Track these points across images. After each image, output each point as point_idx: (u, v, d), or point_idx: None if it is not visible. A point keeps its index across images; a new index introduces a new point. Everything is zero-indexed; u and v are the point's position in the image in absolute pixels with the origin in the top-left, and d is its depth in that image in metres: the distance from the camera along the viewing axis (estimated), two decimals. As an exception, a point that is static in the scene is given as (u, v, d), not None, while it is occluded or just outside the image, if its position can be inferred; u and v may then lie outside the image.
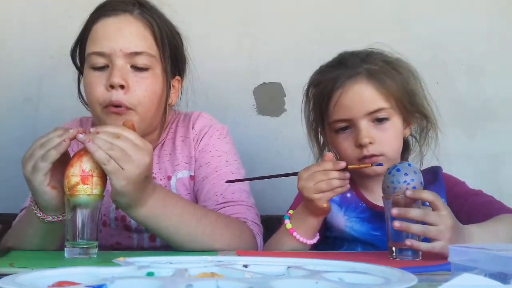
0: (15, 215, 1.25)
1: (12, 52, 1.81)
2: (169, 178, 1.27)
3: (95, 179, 0.97)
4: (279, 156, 1.81)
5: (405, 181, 1.01)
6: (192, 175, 1.27)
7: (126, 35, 1.16)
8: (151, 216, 1.04)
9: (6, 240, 1.15)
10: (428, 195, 0.99)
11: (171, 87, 1.25)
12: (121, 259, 0.70)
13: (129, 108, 1.14)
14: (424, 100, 1.26)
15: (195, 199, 1.26)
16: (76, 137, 0.98)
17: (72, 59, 1.25)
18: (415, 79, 1.25)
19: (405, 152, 1.30)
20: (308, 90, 1.30)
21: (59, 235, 1.08)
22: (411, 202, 0.99)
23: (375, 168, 1.16)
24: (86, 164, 0.97)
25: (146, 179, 0.99)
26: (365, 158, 1.18)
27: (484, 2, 1.90)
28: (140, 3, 1.20)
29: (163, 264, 0.71)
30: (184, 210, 1.08)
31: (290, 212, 1.19)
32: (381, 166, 1.14)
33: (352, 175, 1.14)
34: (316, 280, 0.59)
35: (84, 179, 0.96)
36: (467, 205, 1.20)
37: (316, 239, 1.17)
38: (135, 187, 0.97)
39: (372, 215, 1.24)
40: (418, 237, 0.97)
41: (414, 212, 0.97)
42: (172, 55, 1.23)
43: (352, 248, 1.25)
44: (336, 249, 1.26)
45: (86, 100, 1.22)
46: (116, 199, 1.00)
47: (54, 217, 1.04)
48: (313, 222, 1.15)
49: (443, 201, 1.21)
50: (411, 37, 1.84)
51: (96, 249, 0.99)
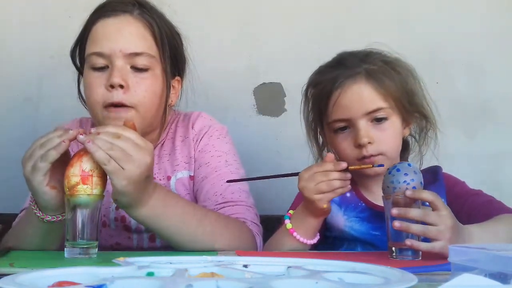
0: (15, 215, 1.25)
1: (12, 52, 1.80)
2: (168, 178, 1.27)
3: (95, 179, 0.97)
4: (279, 156, 1.81)
5: (405, 181, 1.01)
6: (192, 175, 1.27)
7: (126, 36, 1.16)
8: (152, 216, 1.04)
9: (6, 240, 1.15)
10: (428, 195, 0.98)
11: (171, 88, 1.25)
12: (121, 259, 0.70)
13: (129, 107, 1.14)
14: (423, 100, 1.25)
15: (195, 199, 1.26)
16: (76, 138, 0.98)
17: (72, 59, 1.25)
18: (414, 79, 1.25)
19: (404, 152, 1.30)
20: (307, 90, 1.30)
21: (59, 235, 1.08)
22: (411, 202, 0.99)
23: (375, 169, 1.16)
24: (86, 164, 0.97)
25: (147, 179, 0.99)
26: (364, 158, 1.18)
27: (484, 2, 1.90)
28: (140, 4, 1.20)
29: (163, 264, 0.71)
30: (184, 210, 1.08)
31: (290, 212, 1.19)
32: (381, 167, 1.14)
33: (352, 174, 1.15)
34: (316, 280, 0.59)
35: (84, 179, 0.96)
36: (467, 205, 1.20)
37: (316, 239, 1.17)
38: (136, 187, 0.97)
39: (372, 214, 1.24)
40: (418, 237, 0.97)
41: (414, 212, 0.97)
42: (172, 55, 1.23)
43: (352, 248, 1.25)
44: (336, 248, 1.26)
45: (85, 100, 1.22)
46: (117, 199, 1.00)
47: (53, 217, 1.04)
48: (313, 222, 1.15)
49: (443, 201, 1.21)
50: (411, 37, 1.84)
51: (96, 249, 0.99)
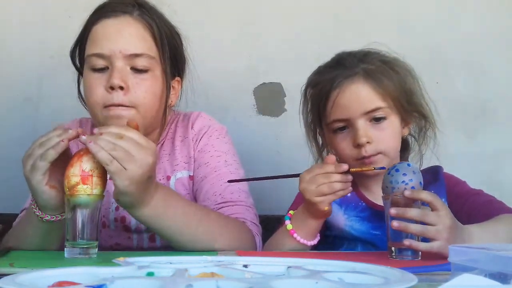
0: (15, 215, 1.25)
1: (12, 52, 1.80)
2: (168, 178, 1.27)
3: (95, 179, 0.97)
4: (279, 156, 1.81)
5: (403, 181, 1.01)
6: (191, 175, 1.27)
7: (125, 37, 1.15)
8: (154, 216, 1.04)
9: (6, 240, 1.15)
10: (426, 195, 0.98)
11: (171, 88, 1.25)
12: (121, 259, 0.70)
13: (129, 106, 1.14)
14: (422, 100, 1.25)
15: (194, 199, 1.26)
16: (75, 137, 0.98)
17: (71, 59, 1.25)
18: (412, 79, 1.25)
19: (404, 151, 1.30)
20: (306, 90, 1.30)
21: (58, 236, 1.08)
22: (410, 202, 0.99)
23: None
24: (86, 164, 0.97)
25: (149, 179, 0.99)
26: (363, 158, 1.18)
27: (484, 2, 1.90)
28: (140, 4, 1.20)
29: (163, 264, 0.71)
30: (185, 210, 1.08)
31: (291, 212, 1.19)
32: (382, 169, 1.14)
33: (352, 175, 1.14)
34: (316, 280, 0.59)
35: (84, 179, 0.96)
36: (467, 204, 1.20)
37: (317, 240, 1.17)
38: (138, 187, 0.97)
39: (372, 214, 1.24)
40: (417, 237, 0.97)
41: (412, 212, 0.97)
42: (172, 56, 1.23)
43: (352, 247, 1.25)
44: (336, 248, 1.26)
45: (85, 101, 1.22)
46: (119, 199, 1.00)
47: (53, 216, 1.04)
48: (314, 224, 1.15)
49: (444, 200, 1.21)
50: (411, 37, 1.84)
51: (96, 249, 0.99)
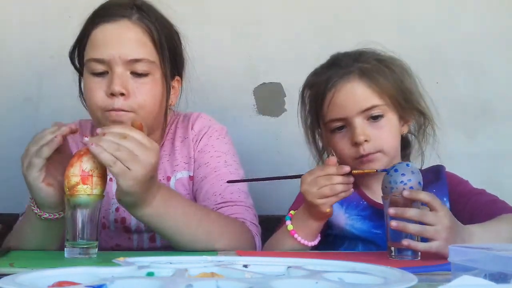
0: (15, 215, 1.25)
1: (12, 52, 1.80)
2: (168, 178, 1.27)
3: (95, 179, 0.97)
4: (279, 156, 1.81)
5: (402, 181, 1.01)
6: (191, 175, 1.27)
7: (125, 42, 1.15)
8: (155, 215, 1.04)
9: (8, 241, 1.15)
10: (424, 195, 0.99)
11: (171, 88, 1.25)
12: (121, 259, 0.70)
13: (130, 111, 1.14)
14: (420, 97, 1.26)
15: (194, 200, 1.26)
16: (68, 133, 1.00)
17: (71, 60, 1.25)
18: (409, 77, 1.25)
19: (405, 149, 1.30)
20: (303, 92, 1.31)
21: (58, 235, 1.08)
22: (409, 202, 0.99)
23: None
24: (86, 164, 0.97)
25: (151, 179, 0.99)
26: (362, 157, 1.18)
27: (484, 2, 1.90)
28: (138, 7, 1.18)
29: (163, 264, 0.71)
30: (186, 210, 1.09)
31: (292, 212, 1.19)
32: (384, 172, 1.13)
33: (353, 175, 1.14)
34: (316, 280, 0.59)
35: (84, 179, 0.96)
36: (470, 204, 1.20)
37: (317, 241, 1.17)
38: (141, 186, 0.97)
39: (373, 213, 1.23)
40: (416, 237, 0.97)
41: (411, 212, 0.97)
42: (171, 56, 1.23)
43: (353, 246, 1.25)
44: (337, 247, 1.25)
45: (85, 103, 1.22)
46: (122, 199, 1.00)
47: (51, 214, 1.05)
48: (315, 225, 1.15)
49: (446, 200, 1.21)
50: (411, 37, 1.84)
51: (96, 249, 0.99)
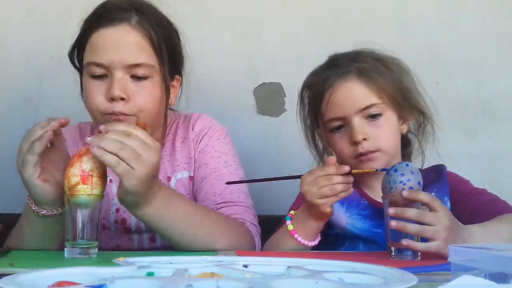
0: (15, 215, 1.25)
1: (12, 52, 1.80)
2: (168, 179, 1.27)
3: (95, 179, 0.97)
4: (279, 156, 1.81)
5: (401, 181, 1.02)
6: (192, 175, 1.27)
7: (124, 47, 1.14)
8: (156, 215, 1.04)
9: (9, 241, 1.15)
10: (424, 196, 0.99)
11: (171, 87, 1.25)
12: (121, 259, 0.70)
13: (130, 115, 1.14)
14: (419, 96, 1.26)
15: (194, 200, 1.26)
16: (58, 127, 1.03)
17: (70, 61, 1.25)
18: (408, 76, 1.25)
19: (406, 148, 1.30)
20: (302, 92, 1.31)
21: (57, 233, 1.09)
22: (409, 202, 0.99)
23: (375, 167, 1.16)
24: (86, 164, 0.97)
25: (153, 178, 1.00)
26: (361, 155, 1.18)
27: (484, 2, 1.90)
28: (137, 9, 1.17)
29: (163, 264, 0.71)
30: (187, 210, 1.09)
31: (292, 212, 1.19)
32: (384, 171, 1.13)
33: (353, 175, 1.14)
34: (316, 280, 0.59)
35: (84, 179, 0.96)
36: (471, 203, 1.20)
37: (317, 241, 1.17)
38: (144, 186, 0.98)
39: (374, 212, 1.23)
40: (416, 237, 0.97)
41: (410, 212, 0.97)
42: (171, 56, 1.22)
43: (354, 246, 1.25)
44: (338, 247, 1.25)
45: (85, 105, 1.22)
46: (124, 199, 1.00)
47: (49, 211, 1.05)
48: (315, 225, 1.15)
49: (447, 199, 1.21)
50: (411, 37, 1.83)
51: (96, 249, 0.99)
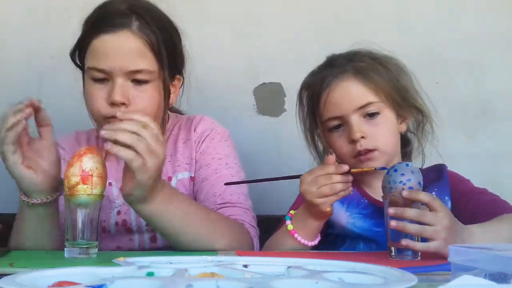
0: (15, 215, 1.25)
1: (12, 52, 1.80)
2: (169, 179, 1.27)
3: (95, 179, 0.97)
4: (279, 156, 1.81)
5: (401, 181, 1.02)
6: (192, 176, 1.27)
7: (125, 54, 1.15)
8: (159, 212, 1.05)
9: (10, 241, 1.15)
10: (424, 196, 0.99)
11: (171, 87, 1.25)
12: (121, 259, 0.70)
13: None
14: (417, 94, 1.26)
15: (195, 200, 1.26)
16: (31, 115, 1.03)
17: (72, 60, 1.25)
18: (405, 75, 1.25)
19: (405, 147, 1.30)
20: (300, 93, 1.32)
21: (50, 226, 1.10)
22: (409, 202, 0.99)
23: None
24: (86, 164, 0.97)
25: (160, 173, 1.01)
26: (359, 153, 1.19)
27: (484, 2, 1.90)
28: (138, 13, 1.17)
29: (163, 264, 0.71)
30: (188, 209, 1.09)
31: (292, 212, 1.19)
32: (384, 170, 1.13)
33: (352, 174, 1.14)
34: (316, 280, 0.59)
35: (84, 179, 0.96)
36: (471, 203, 1.20)
37: (317, 241, 1.17)
38: (153, 180, 0.99)
39: (374, 211, 1.23)
40: (417, 237, 0.97)
41: (410, 212, 0.97)
42: (171, 58, 1.22)
43: (354, 245, 1.25)
44: (338, 246, 1.25)
45: (86, 107, 1.22)
46: (133, 193, 1.00)
47: (38, 199, 1.06)
48: (315, 224, 1.15)
49: (447, 199, 1.21)
50: (411, 37, 1.83)
51: (96, 249, 0.99)
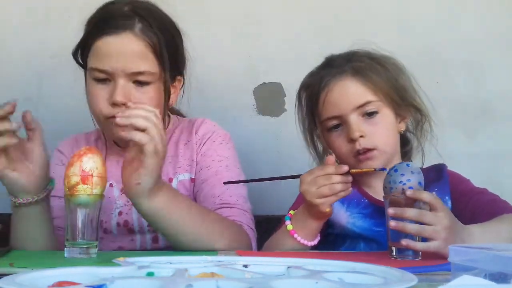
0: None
1: (12, 52, 1.80)
2: (170, 180, 1.27)
3: (95, 179, 0.97)
4: (279, 156, 1.81)
5: (401, 181, 1.02)
6: (193, 177, 1.28)
7: (128, 56, 1.15)
8: (159, 210, 1.05)
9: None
10: (426, 195, 0.99)
11: (172, 87, 1.26)
12: (121, 259, 0.70)
13: None
14: (415, 94, 1.26)
15: (195, 201, 1.26)
16: (10, 113, 1.08)
17: (74, 59, 1.25)
18: (403, 74, 1.26)
19: (405, 147, 1.30)
20: (299, 93, 1.32)
21: (40, 225, 1.11)
22: (409, 202, 0.99)
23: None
24: (86, 164, 0.97)
25: (162, 165, 1.03)
26: (358, 153, 1.19)
27: (484, 2, 1.90)
28: (141, 15, 1.18)
29: (163, 264, 0.71)
30: (188, 209, 1.10)
31: (291, 212, 1.19)
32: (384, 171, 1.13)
33: (352, 175, 1.14)
34: (316, 280, 0.59)
35: (84, 179, 0.96)
36: (471, 203, 1.20)
37: (317, 241, 1.17)
38: (159, 170, 1.01)
39: (375, 210, 1.23)
40: (417, 237, 0.97)
41: (410, 212, 0.97)
42: (173, 60, 1.23)
43: (355, 245, 1.25)
44: (338, 246, 1.25)
45: (88, 107, 1.22)
46: (141, 182, 1.00)
47: (24, 199, 1.07)
48: (314, 224, 1.15)
49: (447, 198, 1.21)
50: (411, 37, 1.83)
51: (96, 249, 0.99)
